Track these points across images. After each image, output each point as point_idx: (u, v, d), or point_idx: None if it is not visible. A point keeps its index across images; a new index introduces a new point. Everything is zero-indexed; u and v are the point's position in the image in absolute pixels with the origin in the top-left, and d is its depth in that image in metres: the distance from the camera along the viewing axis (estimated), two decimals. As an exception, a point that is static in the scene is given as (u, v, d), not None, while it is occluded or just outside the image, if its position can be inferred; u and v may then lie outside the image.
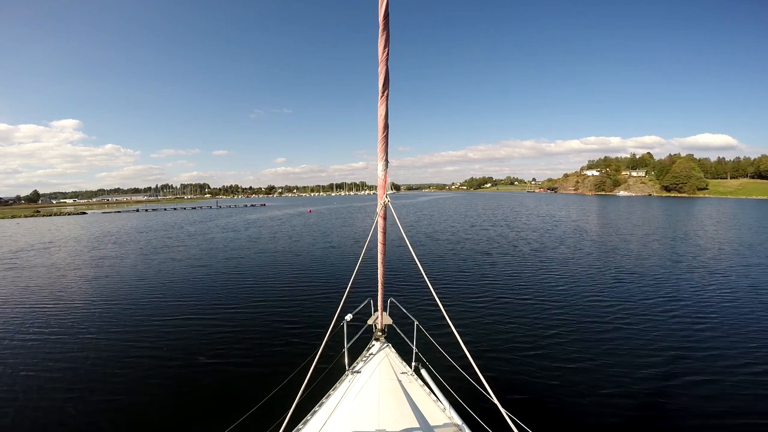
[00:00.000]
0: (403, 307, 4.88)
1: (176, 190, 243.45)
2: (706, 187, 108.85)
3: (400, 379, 3.52)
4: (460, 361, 3.72)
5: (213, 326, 9.54)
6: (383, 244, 3.45)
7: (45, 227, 45.74)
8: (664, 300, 10.88)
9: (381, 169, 2.91)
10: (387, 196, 3.09)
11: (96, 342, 8.77)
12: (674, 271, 14.52)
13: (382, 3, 2.31)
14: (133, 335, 9.12)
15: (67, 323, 10.11)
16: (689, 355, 7.49)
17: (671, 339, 8.25)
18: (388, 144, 2.84)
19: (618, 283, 12.68)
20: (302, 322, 9.75)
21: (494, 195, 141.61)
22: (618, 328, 8.85)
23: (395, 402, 3.19)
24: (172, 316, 10.36)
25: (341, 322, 3.86)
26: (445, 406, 3.24)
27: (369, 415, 3.03)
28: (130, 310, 11.05)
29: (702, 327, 8.87)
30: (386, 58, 2.48)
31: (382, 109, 2.66)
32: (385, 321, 4.21)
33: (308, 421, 3.11)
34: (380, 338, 4.19)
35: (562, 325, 9.05)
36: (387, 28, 2.40)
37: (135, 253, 22.03)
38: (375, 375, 3.56)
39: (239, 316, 10.24)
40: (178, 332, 9.21)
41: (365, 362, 3.83)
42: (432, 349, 4.64)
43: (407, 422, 2.94)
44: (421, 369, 3.89)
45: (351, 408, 3.16)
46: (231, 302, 11.56)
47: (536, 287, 12.38)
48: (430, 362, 4.23)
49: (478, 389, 2.89)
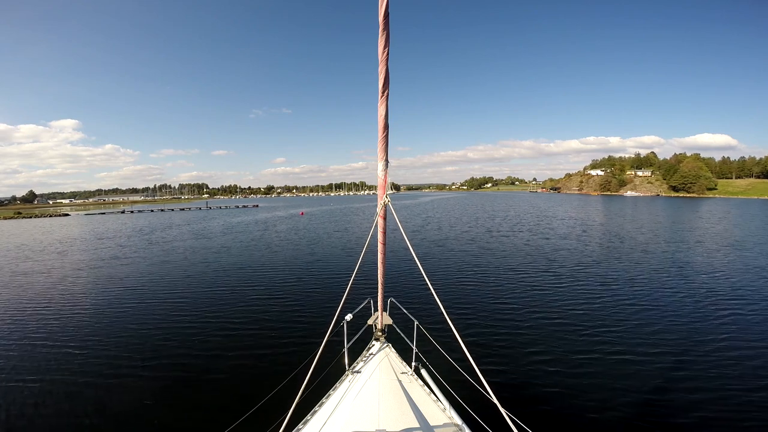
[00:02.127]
0: (403, 307, 4.91)
1: (174, 190, 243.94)
2: (715, 187, 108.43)
3: (400, 379, 3.55)
4: (460, 361, 3.75)
5: (212, 327, 9.60)
6: (383, 244, 3.48)
7: (7, 231, 43.20)
8: (669, 302, 10.91)
9: (381, 169, 2.94)
10: (387, 196, 3.11)
11: (95, 343, 8.85)
12: (682, 273, 14.53)
13: (382, 3, 2.32)
14: (132, 336, 9.19)
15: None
16: (691, 356, 7.52)
17: (672, 339, 8.28)
18: (388, 144, 2.86)
19: (619, 284, 12.70)
20: (302, 322, 9.81)
21: (497, 195, 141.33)
22: (619, 328, 8.88)
23: (395, 402, 3.22)
24: (172, 318, 10.43)
25: (341, 322, 3.90)
26: (445, 406, 3.27)
27: (369, 415, 3.06)
28: (130, 312, 11.12)
29: (707, 329, 8.90)
30: (386, 58, 2.50)
31: (382, 109, 2.68)
32: (385, 321, 4.24)
33: (308, 421, 3.15)
34: (380, 338, 4.23)
35: (563, 325, 9.10)
36: (387, 28, 2.41)
37: (79, 263, 19.66)
38: (375, 375, 3.59)
39: (239, 317, 10.29)
40: (178, 333, 9.27)
41: (365, 362, 3.86)
42: (432, 349, 4.68)
43: (407, 422, 2.97)
44: (421, 369, 3.92)
45: (351, 408, 3.19)
46: (231, 303, 11.62)
47: (537, 287, 12.41)
48: (430, 362, 4.27)
49: (478, 389, 2.92)
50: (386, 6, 2.36)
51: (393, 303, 4.95)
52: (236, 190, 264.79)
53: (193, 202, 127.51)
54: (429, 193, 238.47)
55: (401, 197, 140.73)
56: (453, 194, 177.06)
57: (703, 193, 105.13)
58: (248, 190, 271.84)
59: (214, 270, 16.80)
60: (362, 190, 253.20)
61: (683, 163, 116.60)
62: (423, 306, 10.23)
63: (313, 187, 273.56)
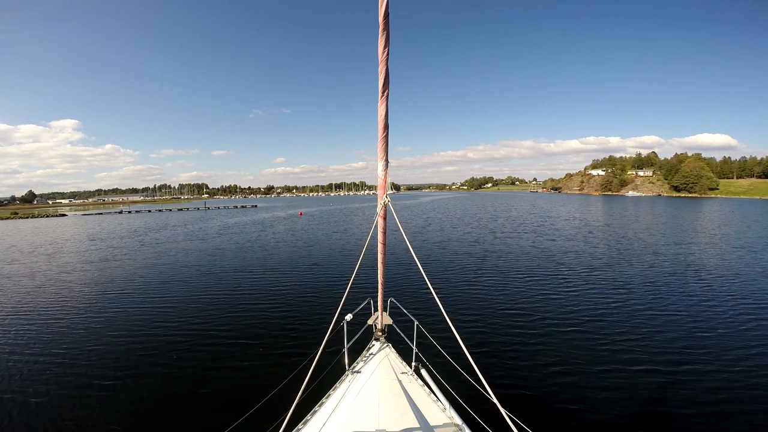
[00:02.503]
0: (403, 307, 4.92)
1: (174, 190, 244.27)
2: (717, 187, 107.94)
3: (400, 379, 3.57)
4: (460, 361, 3.76)
5: (212, 327, 9.62)
6: (383, 244, 3.49)
7: (1, 232, 42.75)
8: (671, 303, 10.91)
9: (381, 169, 2.95)
10: (387, 196, 3.12)
11: (93, 343, 8.88)
12: (685, 274, 14.53)
13: (382, 3, 2.33)
14: (130, 338, 9.20)
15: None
16: (692, 357, 7.53)
17: (674, 339, 8.29)
18: (388, 144, 2.87)
19: (619, 285, 12.70)
20: (302, 322, 9.84)
21: (498, 195, 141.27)
22: (620, 329, 8.89)
23: (395, 402, 3.24)
24: (172, 318, 10.45)
25: (341, 322, 3.91)
26: (445, 406, 3.29)
27: (369, 415, 3.08)
28: (127, 314, 11.14)
29: (708, 331, 8.91)
30: (386, 58, 2.50)
31: (382, 109, 2.69)
32: (385, 321, 4.26)
33: (308, 421, 3.16)
34: (380, 338, 4.24)
35: (564, 326, 9.11)
36: (387, 28, 2.42)
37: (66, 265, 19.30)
38: (375, 375, 3.61)
39: (239, 317, 10.31)
40: (177, 333, 9.29)
41: (365, 362, 3.88)
42: (432, 349, 4.70)
43: (407, 422, 2.99)
44: (421, 369, 3.94)
45: (351, 408, 3.21)
46: (231, 303, 11.64)
47: (538, 288, 12.42)
48: (430, 362, 4.28)
49: (478, 389, 2.93)
50: (386, 6, 2.37)
51: (393, 303, 4.96)
52: (236, 190, 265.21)
53: (192, 203, 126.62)
54: (429, 193, 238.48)
55: (402, 197, 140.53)
56: (453, 194, 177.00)
57: (705, 193, 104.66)
58: (248, 190, 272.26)
59: (213, 270, 16.82)
60: (362, 190, 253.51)
61: (685, 163, 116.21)
62: (423, 306, 10.25)
63: (313, 187, 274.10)
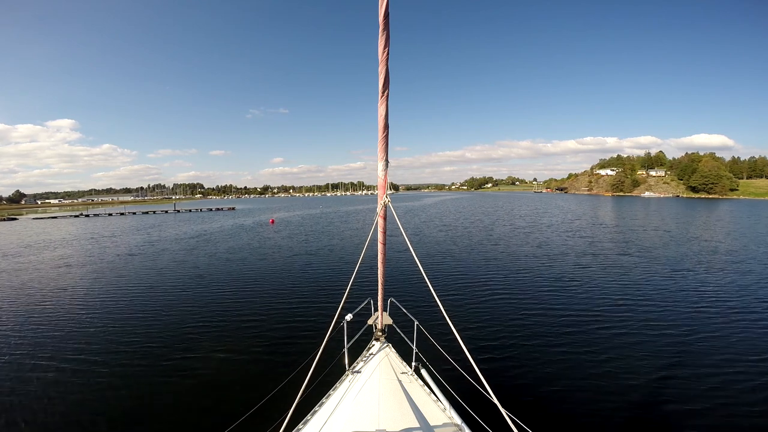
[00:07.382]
0: (403, 307, 5.02)
1: (167, 190, 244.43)
2: (737, 187, 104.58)
3: (400, 379, 3.66)
4: (460, 361, 3.86)
5: (212, 327, 9.71)
6: (383, 244, 3.58)
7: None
8: (672, 303, 10.99)
9: (381, 169, 3.02)
10: (387, 196, 3.20)
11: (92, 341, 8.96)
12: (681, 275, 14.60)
13: (382, 3, 2.41)
14: (131, 338, 9.30)
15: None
16: (692, 357, 7.64)
17: (674, 340, 8.40)
18: (388, 144, 2.94)
19: (619, 285, 12.78)
20: (302, 322, 9.97)
21: (501, 196, 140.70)
22: (620, 329, 9.00)
23: (395, 402, 3.32)
24: (171, 318, 10.54)
25: (341, 322, 4.01)
26: (445, 406, 3.38)
27: (369, 415, 3.16)
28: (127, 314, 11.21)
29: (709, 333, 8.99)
30: (386, 58, 2.58)
31: (382, 109, 2.77)
32: (385, 321, 4.35)
33: (308, 421, 3.25)
34: (380, 338, 4.34)
35: (564, 326, 9.23)
36: (387, 28, 2.49)
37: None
38: (375, 375, 3.70)
39: (239, 318, 10.40)
40: (176, 334, 9.38)
41: (365, 362, 3.97)
42: (432, 349, 4.80)
43: (407, 422, 3.07)
44: (421, 369, 4.03)
45: (351, 408, 3.29)
46: (230, 304, 11.73)
47: (538, 288, 12.51)
48: (430, 362, 4.38)
49: (478, 389, 3.02)
50: (386, 6, 2.44)
51: (393, 303, 5.06)
52: (231, 190, 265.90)
53: (160, 205, 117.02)
54: (430, 193, 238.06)
55: (402, 198, 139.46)
56: (455, 195, 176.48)
57: (725, 194, 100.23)
58: (243, 189, 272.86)
59: (213, 271, 16.91)
60: (360, 190, 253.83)
61: (701, 162, 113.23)
62: (423, 306, 10.37)
63: (310, 187, 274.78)
